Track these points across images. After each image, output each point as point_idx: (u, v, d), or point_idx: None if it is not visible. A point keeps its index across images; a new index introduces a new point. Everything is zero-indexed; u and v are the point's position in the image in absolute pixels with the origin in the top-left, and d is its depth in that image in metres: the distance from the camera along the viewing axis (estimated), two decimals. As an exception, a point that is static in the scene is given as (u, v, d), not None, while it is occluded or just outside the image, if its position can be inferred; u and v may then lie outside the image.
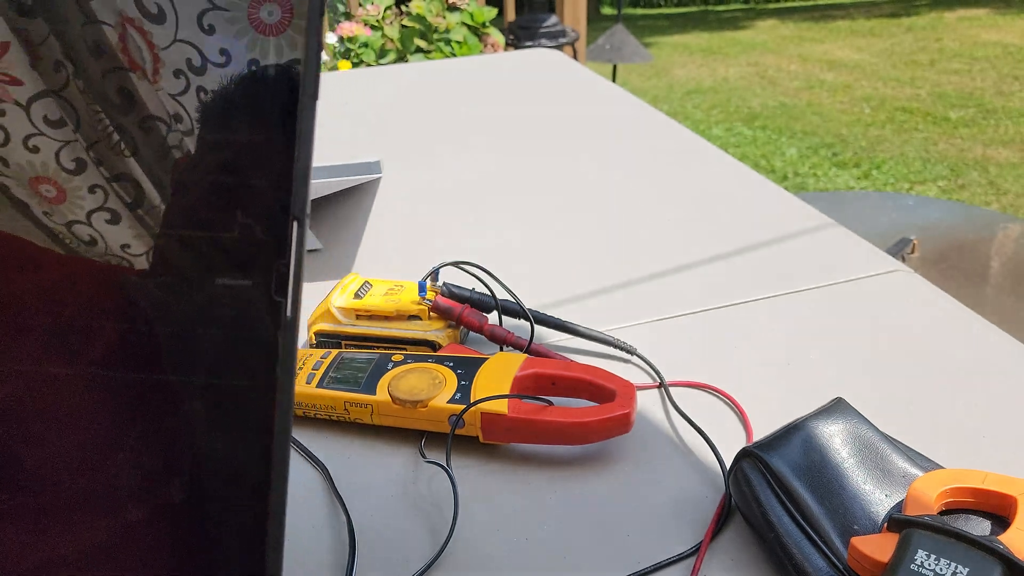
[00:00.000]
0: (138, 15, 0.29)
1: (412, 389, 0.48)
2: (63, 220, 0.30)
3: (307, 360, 0.53)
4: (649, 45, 5.56)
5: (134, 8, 0.29)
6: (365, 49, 2.87)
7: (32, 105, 0.30)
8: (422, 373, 0.49)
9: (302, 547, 0.43)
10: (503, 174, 0.89)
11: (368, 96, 1.21)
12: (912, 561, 0.34)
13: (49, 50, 0.29)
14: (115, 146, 0.29)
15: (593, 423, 0.46)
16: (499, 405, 0.47)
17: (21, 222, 0.30)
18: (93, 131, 0.29)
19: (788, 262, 0.69)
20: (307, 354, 0.53)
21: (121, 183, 0.29)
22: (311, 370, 0.51)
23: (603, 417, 0.46)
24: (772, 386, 0.54)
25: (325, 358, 0.52)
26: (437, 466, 0.47)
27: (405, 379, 0.49)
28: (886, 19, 6.06)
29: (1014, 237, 1.68)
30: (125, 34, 0.29)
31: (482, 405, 0.47)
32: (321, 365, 0.52)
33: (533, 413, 0.46)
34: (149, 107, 0.29)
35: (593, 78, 1.25)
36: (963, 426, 0.50)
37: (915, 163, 3.30)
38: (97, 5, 0.29)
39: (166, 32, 0.29)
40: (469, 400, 0.47)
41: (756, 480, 0.41)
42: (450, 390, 0.48)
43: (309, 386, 0.50)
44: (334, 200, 0.83)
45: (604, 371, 0.49)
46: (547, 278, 0.68)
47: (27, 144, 0.30)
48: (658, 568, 0.41)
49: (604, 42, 3.39)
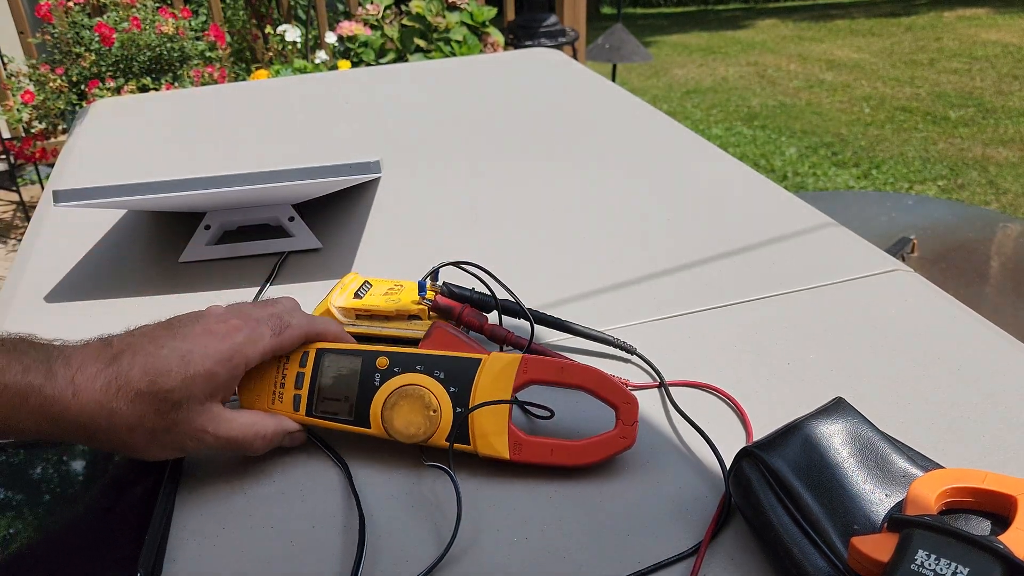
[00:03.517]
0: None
1: (408, 426, 0.47)
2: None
3: (286, 373, 0.49)
4: (649, 44, 5.56)
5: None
6: (365, 48, 2.87)
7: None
8: (414, 401, 0.47)
9: (315, 539, 0.43)
10: (503, 174, 0.89)
11: (368, 96, 1.21)
12: (912, 561, 0.34)
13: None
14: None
15: (597, 457, 0.47)
16: (500, 446, 0.46)
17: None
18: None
19: (788, 262, 0.69)
20: (280, 363, 0.49)
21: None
22: (295, 389, 0.49)
23: (607, 453, 0.47)
24: (772, 386, 0.54)
25: (304, 367, 0.49)
26: (440, 469, 0.47)
27: (399, 410, 0.47)
28: (885, 19, 6.05)
29: (1014, 237, 1.68)
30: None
31: (483, 449, 0.47)
32: (304, 381, 0.49)
33: (534, 455, 0.46)
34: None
35: (593, 78, 1.24)
36: (963, 426, 0.50)
37: (915, 163, 3.30)
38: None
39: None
40: (468, 435, 0.47)
41: (756, 480, 0.41)
42: (446, 423, 0.47)
43: (298, 414, 0.49)
44: (334, 200, 0.83)
45: (602, 377, 0.47)
46: (547, 278, 0.68)
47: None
48: (658, 568, 0.41)
49: (604, 41, 3.39)
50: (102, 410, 0.41)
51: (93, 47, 2.38)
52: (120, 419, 0.41)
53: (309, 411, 0.49)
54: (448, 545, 0.42)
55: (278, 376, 0.49)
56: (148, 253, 0.76)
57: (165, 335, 0.44)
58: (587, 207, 0.80)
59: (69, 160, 1.01)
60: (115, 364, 0.42)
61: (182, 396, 0.42)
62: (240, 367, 0.45)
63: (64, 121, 2.53)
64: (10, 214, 2.88)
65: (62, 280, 0.71)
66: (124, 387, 0.41)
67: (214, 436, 0.44)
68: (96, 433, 0.42)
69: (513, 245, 0.74)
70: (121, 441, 0.43)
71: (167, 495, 0.45)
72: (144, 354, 0.42)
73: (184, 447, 0.44)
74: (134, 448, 0.43)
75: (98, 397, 0.41)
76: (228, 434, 0.45)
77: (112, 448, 0.45)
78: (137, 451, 0.44)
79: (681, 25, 6.44)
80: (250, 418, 0.47)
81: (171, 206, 0.72)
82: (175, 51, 2.45)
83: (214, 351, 0.44)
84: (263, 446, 0.47)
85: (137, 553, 0.41)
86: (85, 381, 0.41)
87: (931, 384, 0.53)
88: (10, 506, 0.45)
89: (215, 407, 0.45)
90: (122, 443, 0.43)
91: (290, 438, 0.49)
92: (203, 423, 0.44)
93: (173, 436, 0.43)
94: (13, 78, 2.44)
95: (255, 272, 0.71)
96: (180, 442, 0.44)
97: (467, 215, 0.80)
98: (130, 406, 0.41)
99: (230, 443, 0.45)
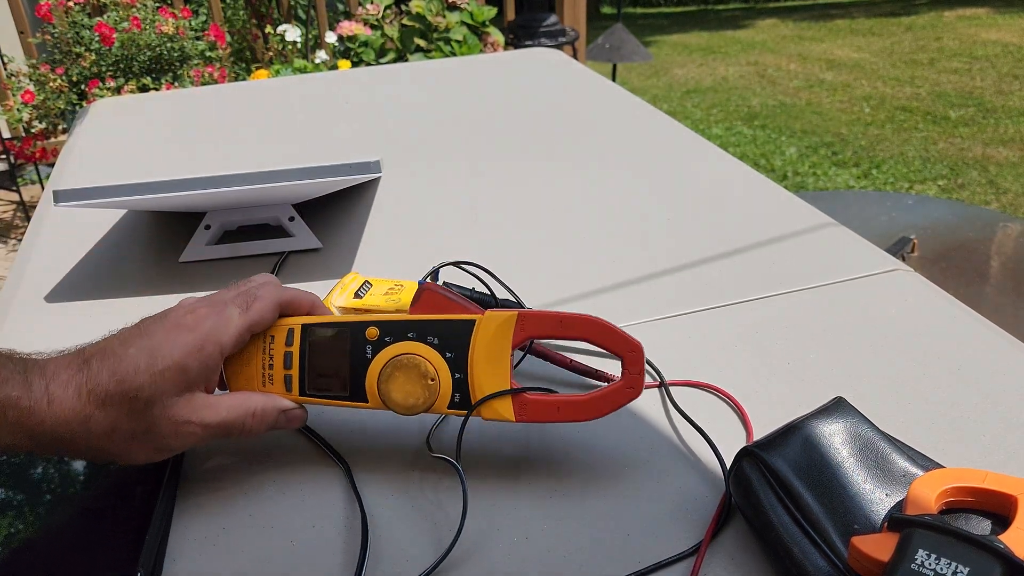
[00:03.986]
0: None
1: (406, 397, 0.45)
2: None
3: (272, 354, 0.47)
4: (649, 44, 5.56)
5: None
6: (365, 48, 2.87)
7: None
8: (409, 370, 0.45)
9: (316, 539, 0.43)
10: (503, 173, 0.89)
11: (368, 95, 1.21)
12: (912, 560, 0.34)
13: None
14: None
15: (606, 411, 0.45)
16: (505, 410, 0.45)
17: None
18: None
19: (788, 262, 0.69)
20: (265, 344, 0.47)
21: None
22: (284, 370, 0.47)
23: (616, 405, 0.45)
24: (772, 386, 0.54)
25: (291, 346, 0.47)
26: (446, 461, 0.47)
27: (395, 381, 0.45)
28: (886, 18, 6.05)
29: (1014, 236, 1.68)
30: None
31: (487, 414, 0.45)
32: (292, 360, 0.47)
33: (540, 415, 0.45)
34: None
35: (593, 77, 1.24)
36: (963, 425, 0.50)
37: (915, 162, 3.30)
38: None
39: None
40: (469, 400, 0.45)
41: (756, 480, 0.41)
42: (446, 391, 0.45)
43: (292, 394, 0.47)
44: (334, 200, 0.83)
45: (605, 325, 0.45)
46: (547, 278, 0.68)
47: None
48: (658, 567, 0.41)
49: (604, 41, 3.38)
50: (77, 416, 0.40)
51: (93, 47, 2.38)
52: (96, 424, 0.40)
53: (302, 390, 0.47)
54: (452, 543, 0.42)
55: (265, 358, 0.47)
56: (148, 253, 0.76)
57: (134, 335, 0.43)
58: (587, 207, 0.80)
59: (69, 160, 1.01)
60: (85, 369, 0.41)
61: (152, 393, 0.41)
62: (214, 355, 0.44)
63: (64, 121, 2.54)
64: (10, 214, 2.88)
65: (62, 280, 0.71)
66: (94, 391, 0.40)
67: (200, 425, 0.43)
68: (75, 443, 0.40)
69: (513, 245, 0.74)
70: (102, 448, 0.41)
71: (167, 495, 0.45)
72: (113, 357, 0.41)
73: (170, 446, 0.43)
74: (117, 454, 0.42)
75: (71, 404, 0.40)
76: (215, 419, 0.43)
77: (96, 457, 0.43)
78: (122, 457, 0.42)
79: (681, 25, 6.44)
80: (235, 398, 0.45)
81: (171, 206, 0.72)
82: (175, 51, 2.46)
83: (182, 343, 0.42)
84: (257, 425, 0.45)
85: (137, 553, 0.41)
86: (58, 389, 0.40)
87: (931, 384, 0.53)
88: (10, 506, 0.45)
89: (196, 397, 0.43)
90: (103, 450, 0.42)
91: (286, 417, 0.46)
92: (185, 415, 0.42)
93: (154, 437, 0.42)
94: (13, 78, 2.44)
95: (255, 272, 0.70)
96: (164, 442, 0.42)
97: (467, 215, 0.80)
98: (103, 410, 0.40)
99: (221, 428, 0.43)
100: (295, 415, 0.47)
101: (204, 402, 0.43)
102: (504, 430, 0.50)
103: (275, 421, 0.46)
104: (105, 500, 0.45)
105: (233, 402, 0.44)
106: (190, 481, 0.48)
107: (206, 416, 0.43)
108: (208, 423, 0.43)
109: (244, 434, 0.45)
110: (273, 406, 0.46)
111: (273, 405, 0.46)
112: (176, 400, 0.42)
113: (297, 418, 0.47)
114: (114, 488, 0.46)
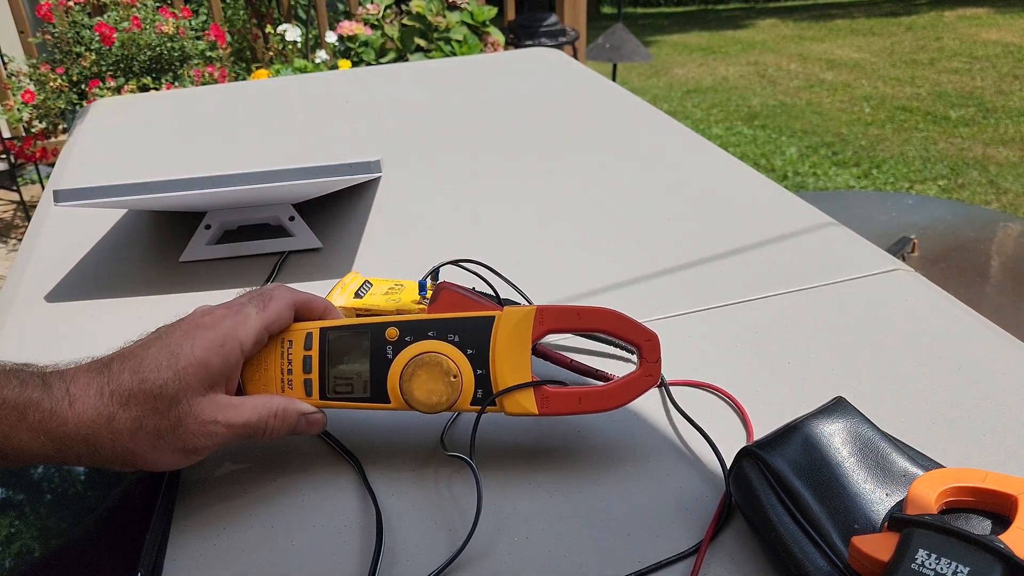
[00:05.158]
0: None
1: (429, 395, 0.45)
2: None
3: (291, 358, 0.47)
4: (649, 44, 5.56)
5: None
6: (365, 48, 2.87)
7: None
8: (432, 368, 0.45)
9: (323, 538, 0.43)
10: (503, 173, 0.89)
11: (368, 96, 1.21)
12: (913, 560, 0.34)
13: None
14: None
15: (626, 400, 0.45)
16: (528, 403, 0.45)
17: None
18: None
19: (788, 261, 0.69)
20: (283, 348, 0.47)
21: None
22: (304, 374, 0.47)
23: (635, 394, 0.45)
24: (772, 386, 0.54)
25: (309, 350, 0.47)
26: (460, 459, 0.46)
27: (417, 380, 0.45)
28: (886, 18, 6.05)
29: (1014, 236, 1.68)
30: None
31: (510, 408, 0.45)
32: (312, 364, 0.47)
33: (563, 407, 0.45)
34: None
35: (593, 77, 1.24)
36: (963, 425, 0.50)
37: (915, 162, 3.30)
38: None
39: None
40: (491, 393, 0.45)
41: (756, 479, 0.41)
42: (468, 387, 0.45)
43: (312, 399, 0.47)
44: (334, 199, 0.83)
45: (620, 317, 0.46)
46: (546, 277, 0.68)
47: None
48: (658, 567, 0.41)
49: (604, 41, 3.38)
50: (100, 416, 0.40)
51: (93, 47, 2.39)
52: (120, 423, 0.40)
53: (323, 394, 0.47)
54: (464, 543, 0.42)
55: (283, 363, 0.47)
56: (148, 253, 0.76)
57: (152, 339, 0.43)
58: (587, 207, 0.80)
59: (69, 160, 1.01)
60: (105, 371, 0.41)
61: (177, 389, 0.41)
62: (235, 351, 0.44)
63: (64, 120, 2.54)
64: (10, 214, 2.88)
65: (62, 280, 0.71)
66: (116, 391, 0.40)
67: (225, 425, 0.42)
68: (100, 444, 0.40)
69: (513, 245, 0.74)
70: (126, 449, 0.41)
71: (168, 495, 0.45)
72: (134, 358, 0.42)
73: (196, 447, 0.42)
74: (143, 456, 0.42)
75: (94, 403, 0.40)
76: (240, 419, 0.43)
77: (119, 461, 0.42)
78: (146, 459, 0.42)
79: (681, 25, 6.44)
80: (258, 399, 0.45)
81: (171, 206, 0.72)
82: (175, 51, 2.46)
83: (203, 340, 0.43)
84: (279, 426, 0.45)
85: (138, 554, 0.41)
86: (79, 390, 0.40)
87: (931, 384, 0.53)
88: (11, 506, 0.45)
89: (219, 397, 0.43)
90: (129, 452, 0.41)
91: (307, 421, 0.46)
92: (211, 414, 0.42)
93: (181, 436, 0.41)
94: (13, 78, 2.44)
95: (255, 272, 0.71)
96: (190, 442, 0.42)
97: (467, 215, 0.80)
98: (126, 409, 0.40)
99: (245, 429, 0.43)
100: (315, 419, 0.47)
101: (228, 402, 0.43)
102: (507, 429, 0.50)
103: (296, 423, 0.46)
104: (106, 500, 0.45)
105: (256, 403, 0.44)
106: (191, 481, 0.48)
107: (231, 416, 0.43)
108: (233, 423, 0.43)
109: (266, 436, 0.45)
110: (294, 408, 0.46)
111: (294, 408, 0.46)
112: (200, 399, 0.42)
113: (317, 423, 0.47)
114: (115, 488, 0.46)
